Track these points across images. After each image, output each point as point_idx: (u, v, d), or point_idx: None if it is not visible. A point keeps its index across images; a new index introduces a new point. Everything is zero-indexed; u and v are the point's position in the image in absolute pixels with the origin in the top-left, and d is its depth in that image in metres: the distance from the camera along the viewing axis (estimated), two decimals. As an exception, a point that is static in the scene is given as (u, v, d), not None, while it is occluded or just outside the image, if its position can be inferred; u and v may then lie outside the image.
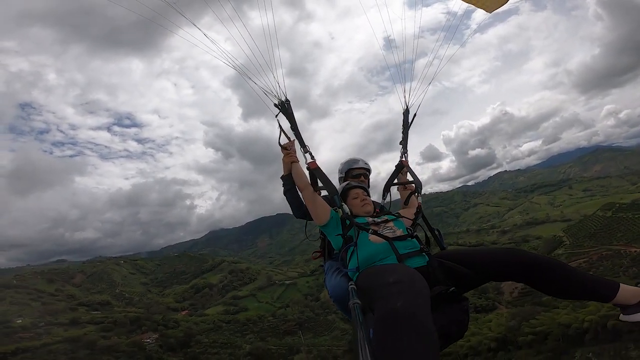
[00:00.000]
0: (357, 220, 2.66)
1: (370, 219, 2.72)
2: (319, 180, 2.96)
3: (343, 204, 2.73)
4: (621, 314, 2.13)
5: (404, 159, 3.44)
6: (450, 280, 2.20)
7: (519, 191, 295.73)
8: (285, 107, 3.22)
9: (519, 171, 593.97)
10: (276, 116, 3.24)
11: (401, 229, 2.61)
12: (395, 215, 2.87)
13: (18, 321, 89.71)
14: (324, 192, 3.16)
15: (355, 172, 3.64)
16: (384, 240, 2.42)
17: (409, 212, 3.01)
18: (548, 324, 36.56)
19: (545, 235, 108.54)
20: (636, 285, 2.12)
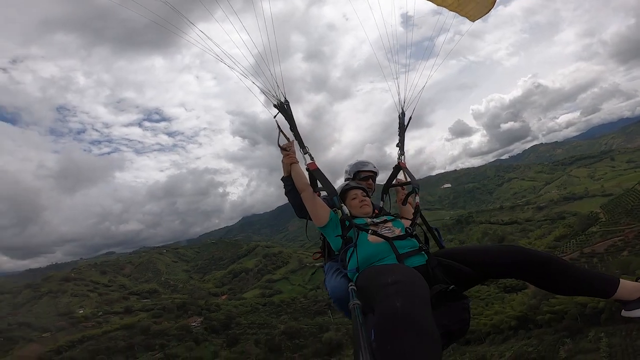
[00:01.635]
0: (356, 221, 2.70)
1: (369, 220, 2.75)
2: (318, 181, 3.00)
3: (343, 204, 2.79)
4: (622, 310, 2.13)
5: (401, 160, 3.48)
6: (450, 278, 2.23)
7: (556, 164, 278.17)
8: (284, 108, 3.22)
9: (556, 143, 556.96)
10: (274, 117, 3.25)
11: (400, 229, 2.63)
12: (393, 216, 2.92)
13: (80, 311, 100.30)
14: (323, 193, 3.17)
15: (363, 175, 3.67)
16: (383, 240, 2.44)
17: (408, 212, 3.12)
18: (566, 303, 37.27)
19: (583, 212, 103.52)
20: (636, 281, 2.12)
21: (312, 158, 3.09)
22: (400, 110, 3.72)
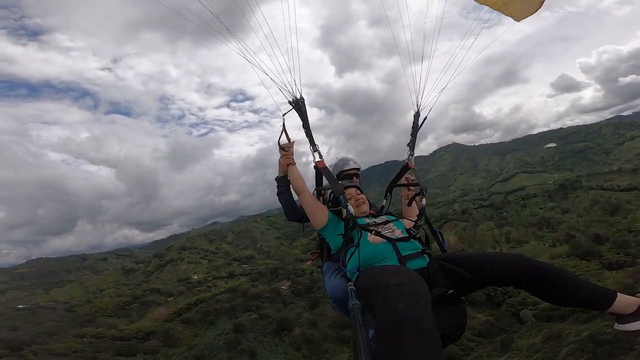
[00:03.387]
0: (359, 220, 2.69)
1: (370, 220, 2.74)
2: (324, 179, 3.01)
3: (348, 204, 2.74)
4: (615, 323, 2.16)
5: (410, 160, 3.37)
6: (450, 282, 2.24)
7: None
8: (299, 105, 3.19)
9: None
10: (283, 115, 3.22)
11: (400, 230, 2.62)
12: (394, 216, 2.90)
13: (194, 277, 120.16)
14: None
15: (346, 174, 3.63)
16: (384, 241, 2.44)
17: (412, 213, 3.05)
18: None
19: None
20: (634, 296, 2.13)
21: (321, 156, 3.08)
22: (416, 110, 3.61)
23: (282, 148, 3.19)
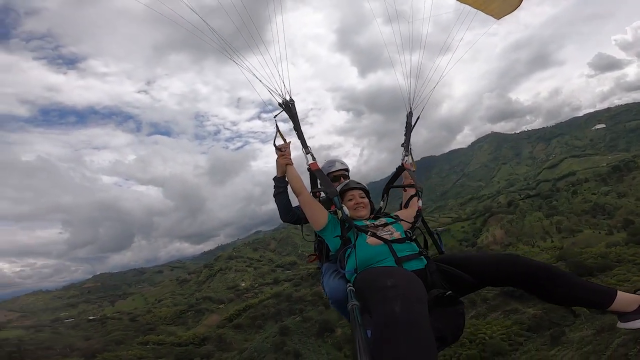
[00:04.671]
0: (356, 222, 2.69)
1: (369, 222, 2.74)
2: (318, 182, 3.01)
3: (343, 205, 2.75)
4: (618, 321, 2.13)
5: (405, 161, 3.39)
6: (448, 284, 2.24)
7: None
8: (289, 107, 3.19)
9: None
10: (275, 117, 3.22)
11: (399, 232, 2.60)
12: (394, 218, 2.86)
13: (242, 284, 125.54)
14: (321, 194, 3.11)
15: (334, 176, 3.63)
16: (382, 243, 2.43)
17: (408, 215, 2.97)
18: None
19: None
20: (634, 293, 2.12)
21: (314, 158, 3.09)
22: (409, 110, 3.60)
23: (278, 149, 3.19)
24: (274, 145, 3.21)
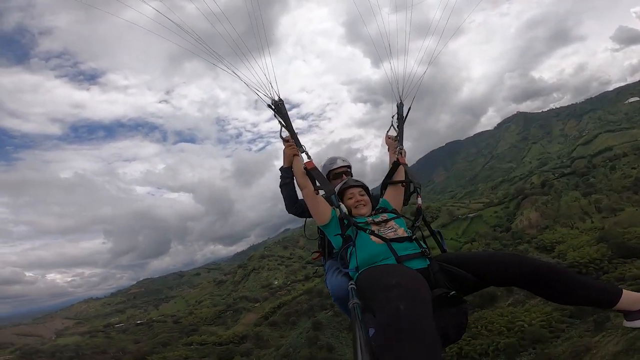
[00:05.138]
0: (357, 219, 2.65)
1: (370, 218, 2.70)
2: (316, 181, 2.93)
3: (340, 203, 2.76)
4: (624, 320, 2.11)
5: (400, 155, 3.26)
6: (451, 283, 2.21)
7: None
8: (279, 107, 3.16)
9: None
10: (274, 114, 3.20)
11: (403, 228, 2.59)
12: (395, 213, 2.83)
13: (275, 282, 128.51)
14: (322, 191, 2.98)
15: (335, 173, 3.59)
16: (382, 242, 2.41)
17: (397, 202, 3.05)
18: None
19: None
20: (639, 291, 2.09)
21: (309, 157, 3.04)
22: (399, 101, 3.50)
23: (285, 140, 3.20)
24: (281, 137, 3.24)
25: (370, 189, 3.21)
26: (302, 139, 3.17)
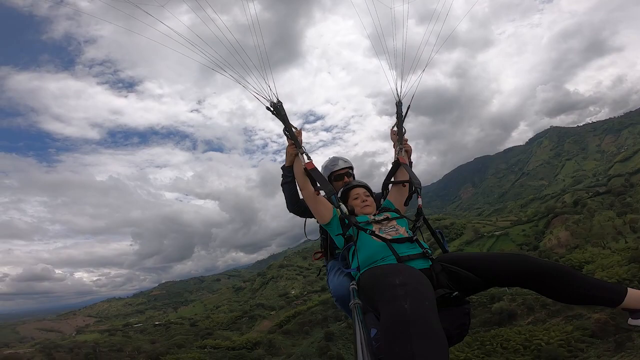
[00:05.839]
0: (358, 218, 2.66)
1: (371, 218, 2.69)
2: (316, 181, 2.93)
3: (341, 203, 2.75)
4: (629, 318, 2.08)
5: (400, 155, 3.21)
6: (453, 283, 2.20)
7: None
8: (277, 109, 3.17)
9: None
10: (273, 113, 3.22)
11: (404, 227, 2.59)
12: (397, 213, 2.81)
13: (292, 292, 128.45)
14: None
15: (337, 174, 3.53)
16: (382, 242, 2.40)
17: (399, 202, 3.05)
18: None
19: None
20: None
21: (309, 157, 3.05)
22: (397, 99, 3.47)
23: (288, 137, 3.19)
24: (284, 132, 3.23)
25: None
26: (327, 151, 3.62)
